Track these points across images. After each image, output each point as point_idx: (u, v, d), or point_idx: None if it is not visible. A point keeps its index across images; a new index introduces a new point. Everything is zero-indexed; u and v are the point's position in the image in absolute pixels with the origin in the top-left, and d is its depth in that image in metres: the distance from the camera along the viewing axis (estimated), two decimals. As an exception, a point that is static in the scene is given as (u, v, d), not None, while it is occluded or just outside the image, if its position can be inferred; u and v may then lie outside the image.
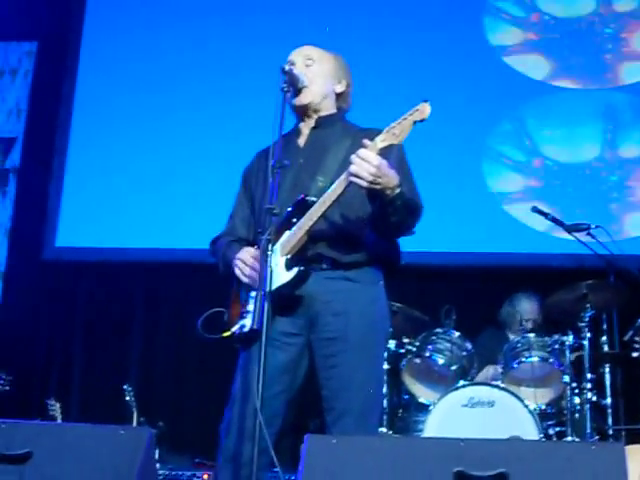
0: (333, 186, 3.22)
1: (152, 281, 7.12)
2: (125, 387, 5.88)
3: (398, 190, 3.19)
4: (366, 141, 3.14)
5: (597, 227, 5.37)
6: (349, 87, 3.67)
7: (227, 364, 6.41)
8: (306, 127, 3.60)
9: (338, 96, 3.63)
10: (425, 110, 3.05)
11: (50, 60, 7.47)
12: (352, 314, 3.34)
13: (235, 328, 3.37)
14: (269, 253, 3.09)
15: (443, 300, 5.91)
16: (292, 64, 3.52)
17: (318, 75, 3.56)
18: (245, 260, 3.38)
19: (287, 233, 3.31)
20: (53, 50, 7.49)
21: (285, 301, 3.29)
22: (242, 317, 3.36)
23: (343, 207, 3.32)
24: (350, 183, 3.16)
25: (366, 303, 3.39)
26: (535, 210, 5.49)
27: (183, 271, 6.96)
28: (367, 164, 3.09)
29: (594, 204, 6.60)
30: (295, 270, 3.26)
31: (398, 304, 5.73)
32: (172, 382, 6.94)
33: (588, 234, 5.37)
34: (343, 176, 3.19)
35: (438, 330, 5.62)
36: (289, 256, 3.30)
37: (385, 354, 5.02)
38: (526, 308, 6.07)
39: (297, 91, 3.49)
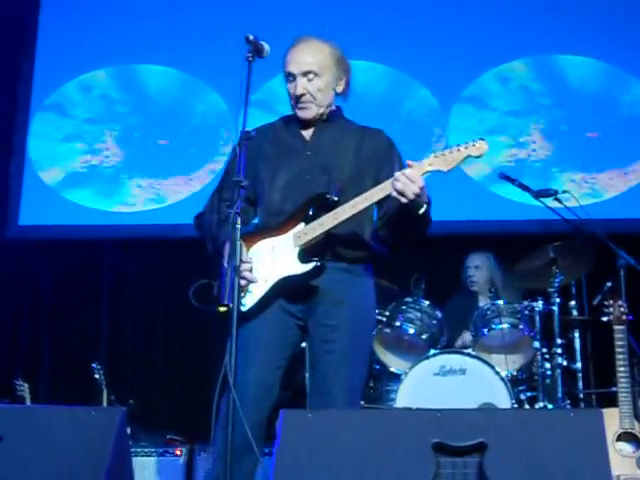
0: (367, 194, 3.31)
1: (118, 258, 7.03)
2: (94, 365, 5.81)
3: (424, 208, 3.31)
4: (411, 162, 3.23)
5: (564, 192, 5.35)
6: (348, 79, 3.66)
7: (196, 340, 6.47)
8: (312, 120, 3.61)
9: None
10: (482, 148, 3.20)
11: (7, 39, 7.31)
12: (350, 304, 3.45)
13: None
14: (237, 226, 3.11)
15: (412, 269, 5.90)
16: (290, 75, 3.53)
17: (322, 89, 3.54)
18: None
19: (302, 225, 3.38)
20: (10, 29, 7.33)
21: (294, 289, 3.39)
22: None
23: None
24: (387, 195, 3.25)
25: (362, 294, 3.53)
26: (502, 176, 5.45)
27: (149, 247, 6.90)
28: (413, 185, 3.18)
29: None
30: (312, 264, 3.35)
31: (367, 274, 5.70)
32: (141, 359, 6.90)
33: (555, 199, 5.35)
34: (380, 187, 3.29)
35: (408, 299, 5.61)
36: (302, 248, 3.37)
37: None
38: (472, 258, 6.18)
39: (296, 101, 3.53)
